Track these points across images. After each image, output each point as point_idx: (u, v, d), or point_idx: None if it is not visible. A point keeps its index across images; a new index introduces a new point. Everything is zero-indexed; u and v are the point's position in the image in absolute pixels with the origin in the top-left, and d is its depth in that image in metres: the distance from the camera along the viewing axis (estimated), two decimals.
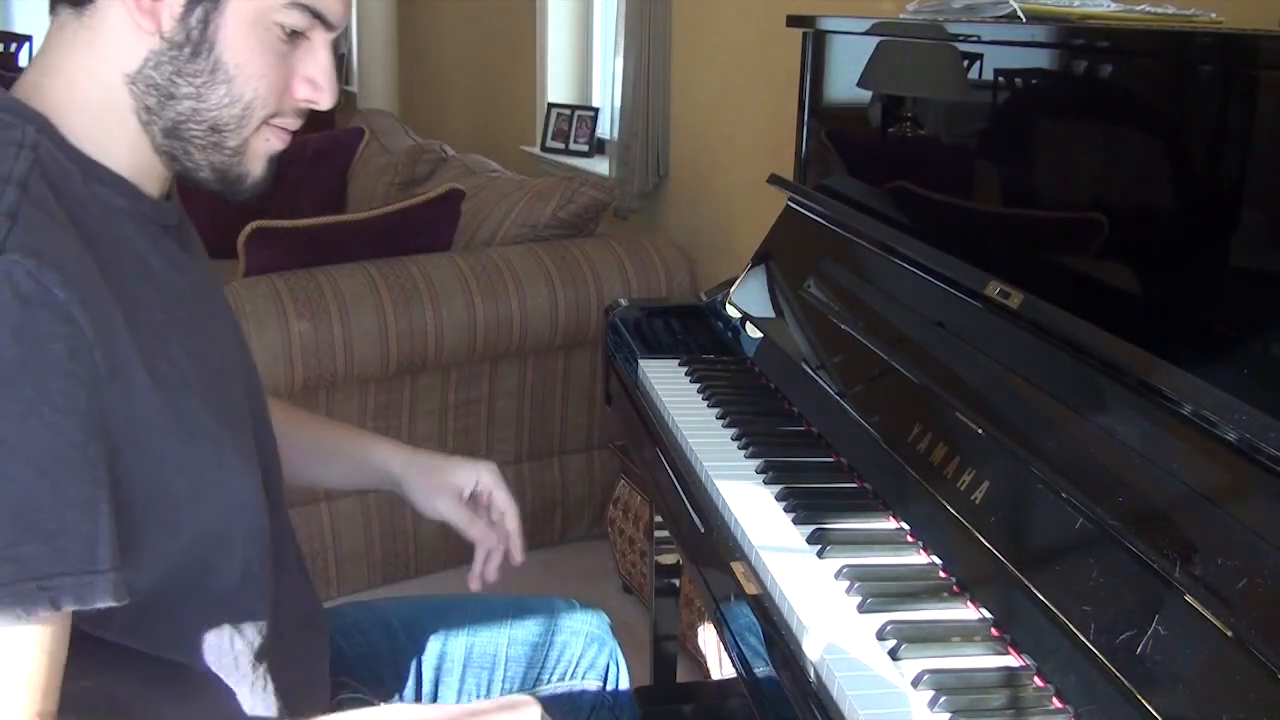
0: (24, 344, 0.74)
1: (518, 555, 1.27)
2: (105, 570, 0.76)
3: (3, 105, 0.86)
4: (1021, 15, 1.38)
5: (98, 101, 0.87)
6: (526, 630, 1.31)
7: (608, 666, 1.33)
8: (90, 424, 0.77)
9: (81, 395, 0.76)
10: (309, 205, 3.47)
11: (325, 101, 0.93)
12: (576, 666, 1.32)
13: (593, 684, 1.32)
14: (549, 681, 1.30)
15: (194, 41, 0.86)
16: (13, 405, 0.73)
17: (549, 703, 1.02)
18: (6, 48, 5.53)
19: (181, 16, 0.86)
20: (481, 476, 1.26)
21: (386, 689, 1.22)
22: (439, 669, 1.26)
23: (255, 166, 0.93)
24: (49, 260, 0.75)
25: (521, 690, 1.28)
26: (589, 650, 1.32)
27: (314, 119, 1.04)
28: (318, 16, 0.89)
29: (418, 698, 1.24)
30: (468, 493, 1.26)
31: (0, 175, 0.78)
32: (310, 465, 1.25)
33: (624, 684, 1.34)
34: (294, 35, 0.89)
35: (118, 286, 0.81)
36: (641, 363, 1.67)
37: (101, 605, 0.76)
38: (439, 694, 1.26)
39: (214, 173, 0.92)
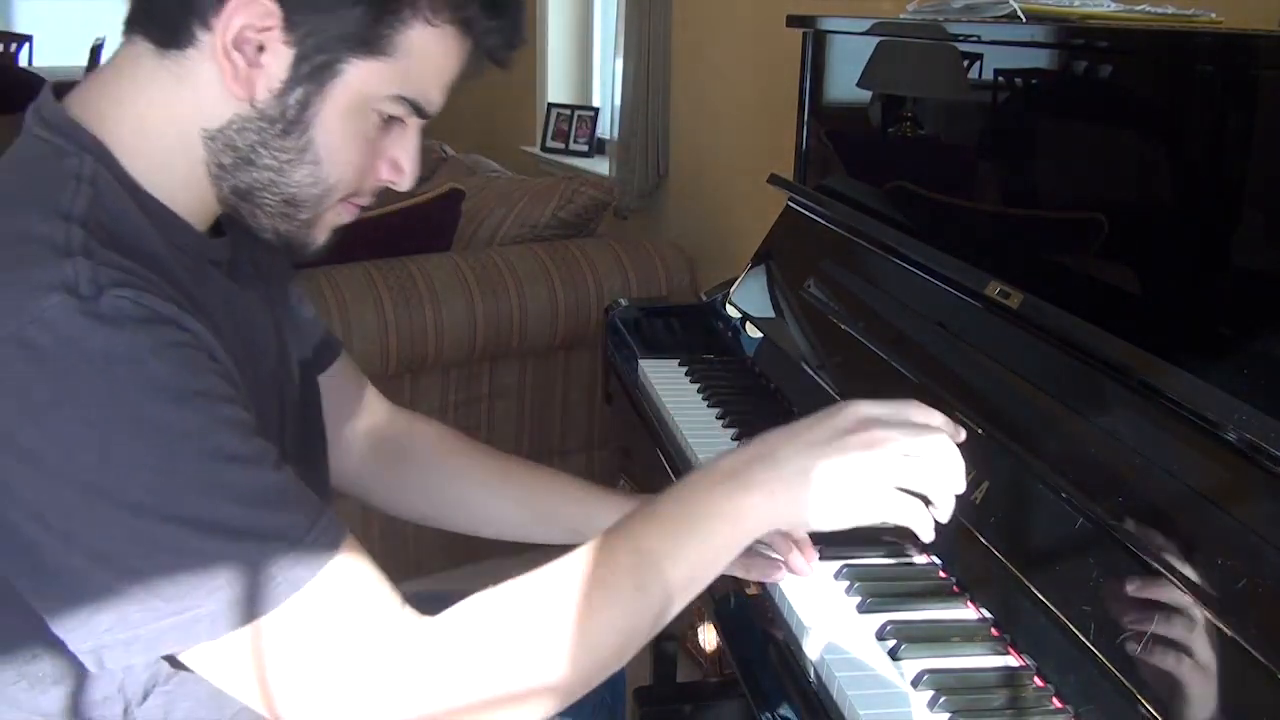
0: (166, 356, 0.74)
1: (800, 569, 1.07)
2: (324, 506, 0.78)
3: (60, 128, 0.84)
4: (1021, 15, 1.38)
5: (168, 146, 0.85)
6: None
7: None
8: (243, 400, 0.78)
9: (228, 383, 0.78)
10: None
11: (406, 185, 0.91)
12: None
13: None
14: None
15: (288, 120, 0.84)
16: (194, 417, 0.74)
17: None
18: (6, 48, 5.52)
19: (280, 92, 0.83)
20: None
21: None
22: None
23: (320, 236, 0.92)
24: (139, 287, 0.75)
25: None
26: None
27: None
28: (417, 108, 0.87)
29: None
30: None
31: (61, 212, 0.77)
32: (524, 527, 1.18)
33: (623, 684, 1.33)
34: (389, 120, 0.87)
35: (190, 303, 0.81)
36: (641, 363, 1.67)
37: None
38: None
39: (278, 237, 0.91)
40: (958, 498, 0.89)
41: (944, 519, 0.88)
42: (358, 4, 0.80)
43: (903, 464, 0.86)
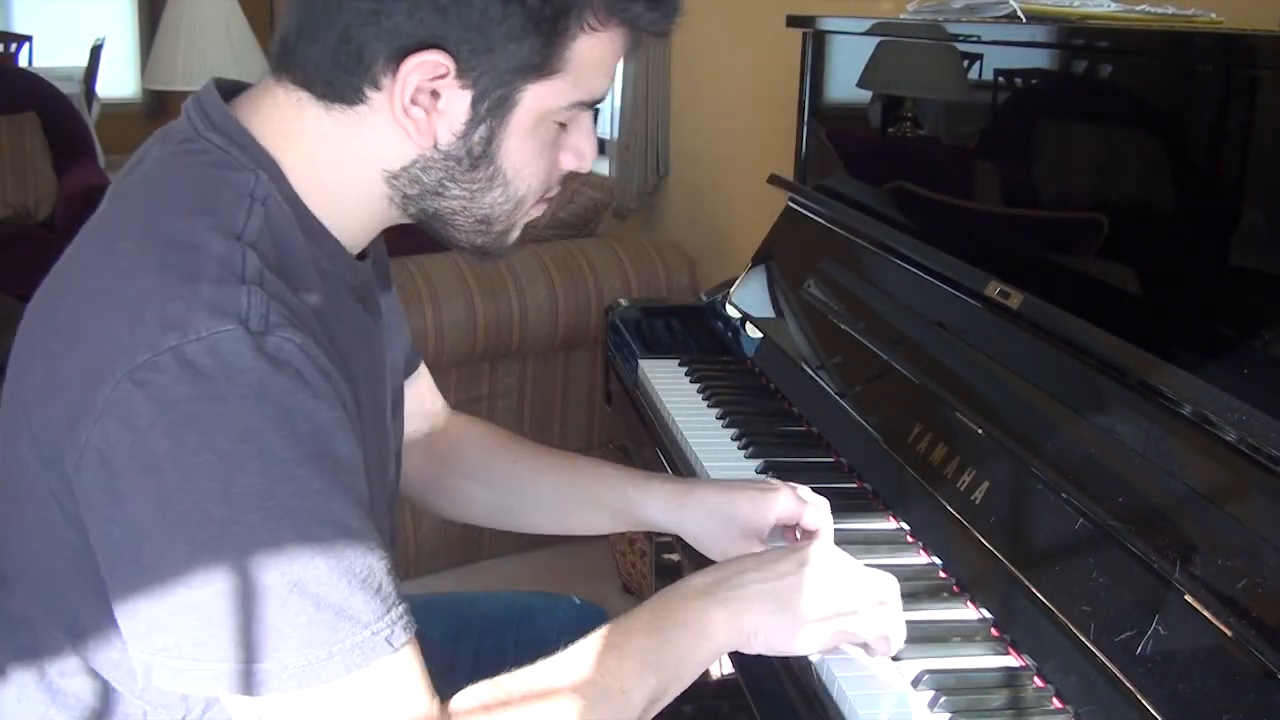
0: (314, 416, 0.74)
1: None
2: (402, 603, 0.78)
3: (233, 137, 0.83)
4: (1021, 15, 1.38)
5: (343, 183, 0.85)
6: (532, 630, 1.31)
7: None
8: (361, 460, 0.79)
9: (358, 448, 0.78)
10: None
11: (588, 166, 0.91)
12: None
13: None
14: None
15: (474, 156, 0.84)
16: (319, 479, 0.74)
17: None
18: (6, 48, 5.52)
19: (463, 133, 0.83)
20: (779, 510, 1.08)
21: None
22: (448, 669, 1.26)
23: (514, 237, 0.93)
24: (304, 330, 0.75)
25: None
26: None
27: None
28: (591, 103, 0.87)
29: None
30: (768, 532, 1.10)
31: (235, 232, 0.77)
32: (566, 519, 1.19)
33: None
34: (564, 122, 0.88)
35: (337, 352, 0.81)
36: (641, 363, 1.67)
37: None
38: (443, 695, 1.25)
39: (474, 249, 0.91)
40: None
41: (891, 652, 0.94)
42: (526, 35, 0.80)
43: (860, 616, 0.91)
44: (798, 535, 1.09)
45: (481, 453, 1.20)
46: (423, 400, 1.19)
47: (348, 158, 0.84)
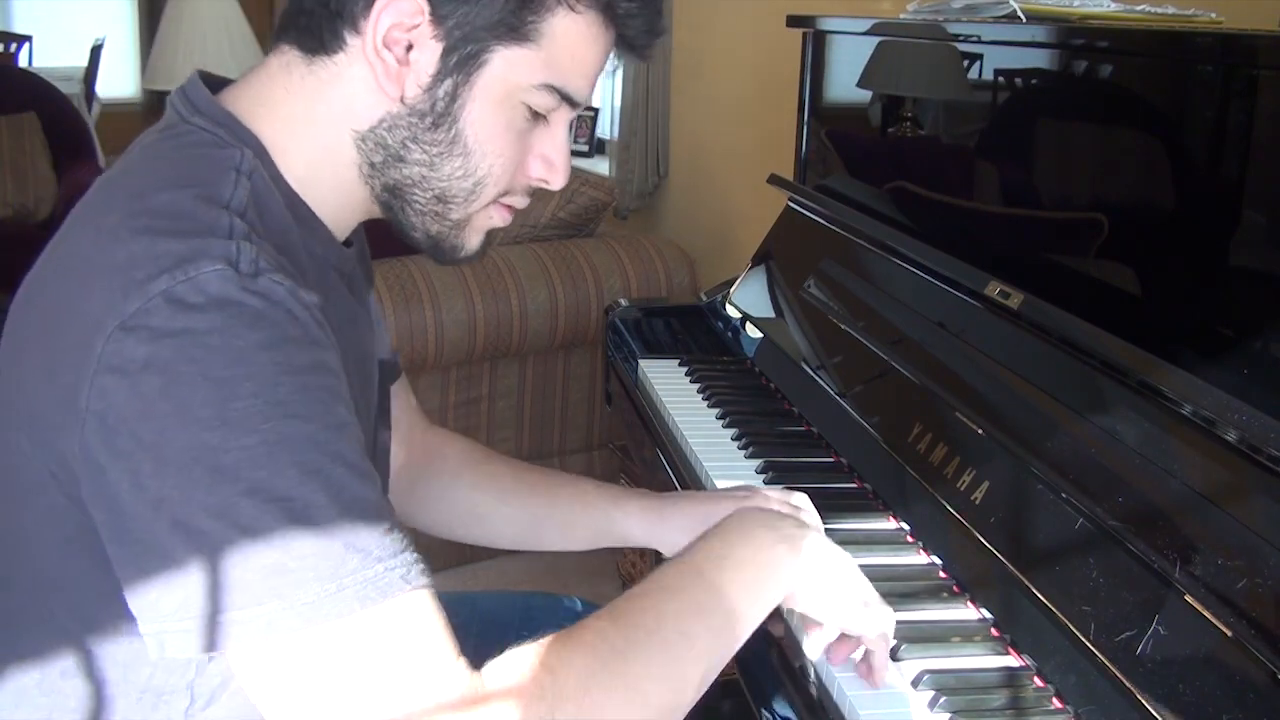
0: (309, 352, 0.74)
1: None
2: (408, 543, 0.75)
3: (218, 118, 0.84)
4: (1021, 15, 1.38)
5: (318, 148, 0.86)
6: (532, 630, 1.31)
7: None
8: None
9: (349, 398, 0.77)
10: None
11: (558, 182, 0.91)
12: None
13: None
14: None
15: (437, 113, 0.84)
16: (315, 407, 0.72)
17: None
18: (6, 48, 5.52)
19: (429, 86, 0.84)
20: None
21: None
22: None
23: (473, 240, 0.92)
24: (294, 280, 0.75)
25: None
26: None
27: None
28: (566, 98, 0.87)
29: None
30: None
31: (221, 201, 0.77)
32: (543, 535, 1.19)
33: None
34: (536, 116, 0.88)
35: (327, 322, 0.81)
36: (641, 363, 1.67)
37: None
38: None
39: (428, 239, 0.91)
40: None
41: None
42: None
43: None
44: None
45: (459, 468, 1.20)
46: (403, 410, 1.19)
47: (323, 114, 0.85)
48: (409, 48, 0.83)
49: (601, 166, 3.64)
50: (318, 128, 0.86)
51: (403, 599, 0.73)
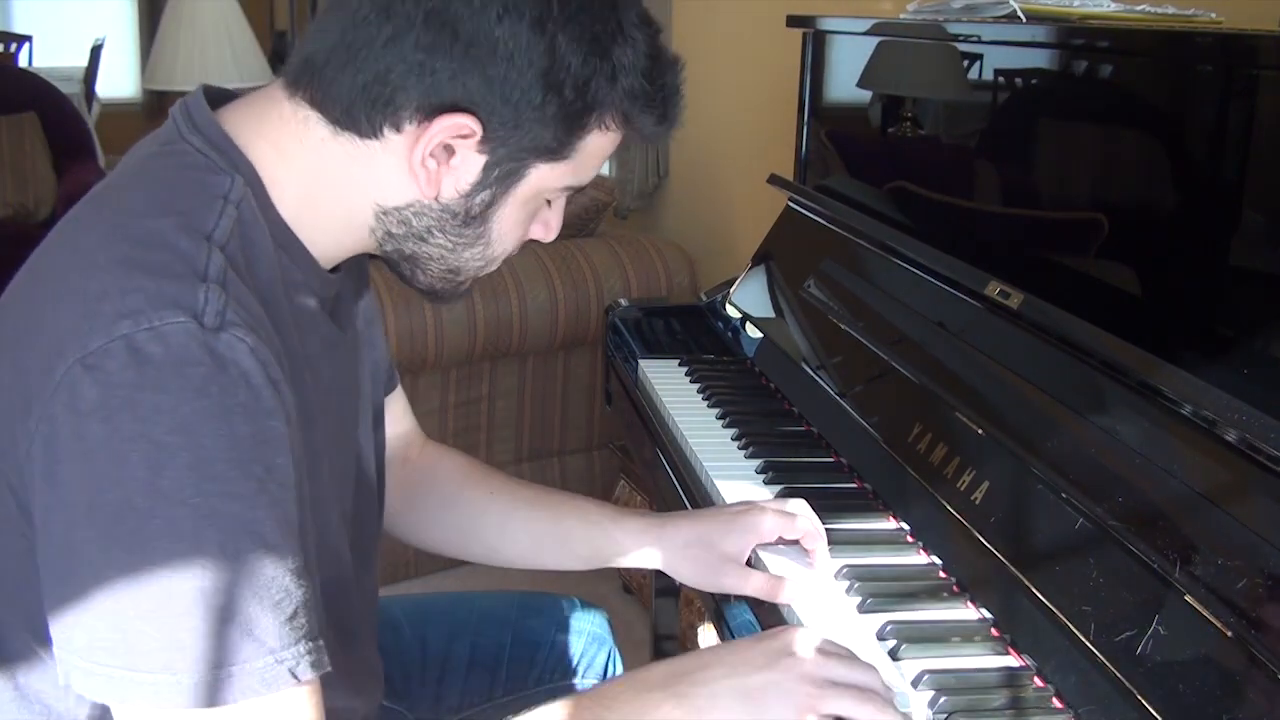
0: (254, 421, 0.74)
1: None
2: (318, 638, 0.77)
3: (214, 141, 0.83)
4: (1021, 15, 1.38)
5: (330, 203, 0.86)
6: (529, 629, 1.31)
7: (607, 666, 1.33)
8: (296, 496, 0.78)
9: (293, 468, 0.77)
10: None
11: (551, 239, 0.95)
12: (577, 665, 1.32)
13: (592, 683, 1.32)
14: (550, 680, 1.30)
15: (469, 215, 0.87)
16: (247, 484, 0.73)
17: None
18: (6, 48, 5.52)
19: (468, 194, 0.86)
20: (764, 532, 1.09)
21: (391, 686, 1.22)
22: (443, 667, 1.26)
23: (467, 286, 0.96)
24: (260, 335, 0.75)
25: (523, 690, 1.28)
26: (590, 649, 1.32)
27: None
28: (580, 187, 0.92)
29: (421, 696, 1.24)
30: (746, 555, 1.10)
31: (204, 231, 0.77)
32: (543, 554, 1.20)
33: None
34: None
35: (292, 364, 0.81)
36: (641, 363, 1.67)
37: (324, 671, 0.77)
38: (441, 692, 1.25)
39: (431, 293, 0.95)
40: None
41: None
42: (553, 122, 0.83)
43: (823, 692, 0.84)
44: (799, 541, 1.11)
45: (456, 484, 1.21)
46: (397, 421, 1.19)
47: (345, 184, 0.86)
48: (450, 150, 0.84)
49: (602, 166, 3.63)
50: (336, 190, 0.86)
51: (285, 694, 0.74)
